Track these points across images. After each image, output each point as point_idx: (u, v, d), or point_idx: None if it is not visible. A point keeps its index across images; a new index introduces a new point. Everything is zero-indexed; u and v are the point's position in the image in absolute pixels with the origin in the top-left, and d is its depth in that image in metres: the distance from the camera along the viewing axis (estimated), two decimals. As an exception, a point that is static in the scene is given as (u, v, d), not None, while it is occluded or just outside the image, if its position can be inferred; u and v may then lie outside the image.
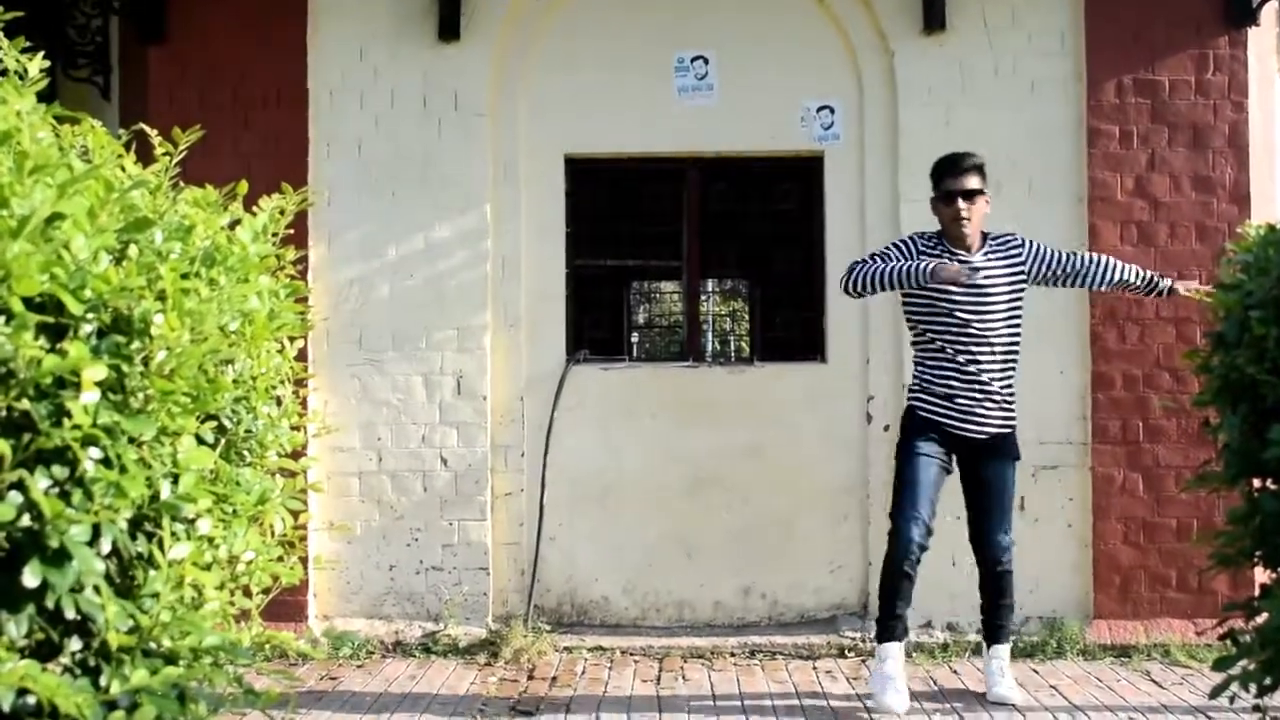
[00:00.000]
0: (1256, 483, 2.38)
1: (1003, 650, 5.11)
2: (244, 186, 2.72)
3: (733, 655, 5.85)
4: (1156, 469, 6.02)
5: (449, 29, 6.17)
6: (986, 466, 5.01)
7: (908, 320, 5.14)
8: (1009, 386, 4.98)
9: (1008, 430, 5.01)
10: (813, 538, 6.16)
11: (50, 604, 1.64)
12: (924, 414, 4.97)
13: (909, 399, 5.09)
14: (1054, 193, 6.15)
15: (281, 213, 2.76)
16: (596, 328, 9.80)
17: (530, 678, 5.50)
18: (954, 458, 5.02)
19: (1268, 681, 2.09)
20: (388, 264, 6.20)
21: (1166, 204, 6.08)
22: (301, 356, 4.65)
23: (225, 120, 5.92)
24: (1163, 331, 6.04)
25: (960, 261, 4.91)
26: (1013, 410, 5.01)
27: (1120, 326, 6.06)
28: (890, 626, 4.88)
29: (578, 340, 6.46)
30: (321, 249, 6.16)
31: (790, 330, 7.54)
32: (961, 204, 4.97)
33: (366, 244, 6.21)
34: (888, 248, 5.06)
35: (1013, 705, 4.94)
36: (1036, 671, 5.56)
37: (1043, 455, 6.09)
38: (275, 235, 2.71)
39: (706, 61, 6.30)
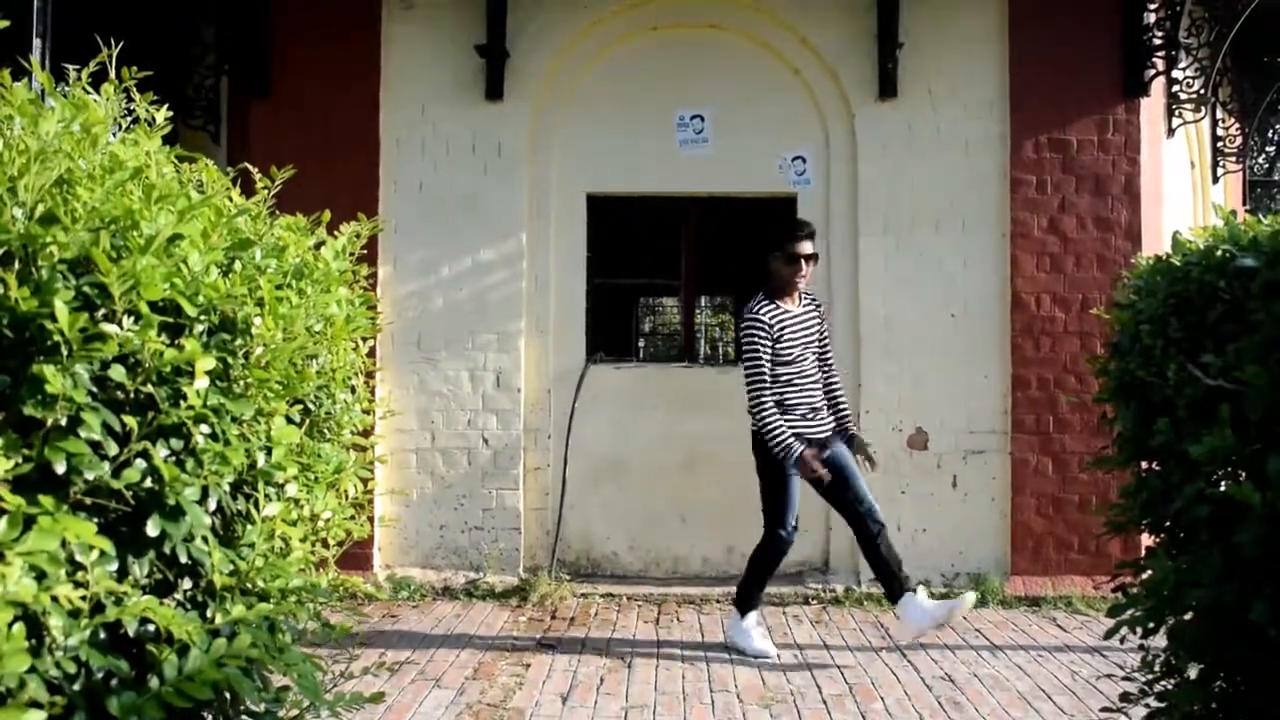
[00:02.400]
0: (1144, 465, 2.39)
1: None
2: (327, 215, 2.71)
3: (718, 601, 5.84)
4: (1063, 454, 6.00)
5: (494, 91, 6.17)
6: (839, 454, 4.89)
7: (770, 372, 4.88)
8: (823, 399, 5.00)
9: (832, 427, 4.98)
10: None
11: (167, 550, 1.65)
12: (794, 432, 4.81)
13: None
14: (984, 230, 6.14)
15: (357, 236, 2.75)
16: (611, 334, 9.80)
17: (553, 617, 5.51)
18: None
19: (1150, 625, 2.09)
20: (442, 280, 6.20)
21: (1074, 239, 6.07)
22: (371, 354, 4.65)
23: (313, 161, 5.86)
24: (1070, 342, 6.02)
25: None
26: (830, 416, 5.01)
27: (1036, 339, 6.04)
28: (760, 599, 4.96)
29: (595, 344, 6.44)
30: (389, 267, 6.16)
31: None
32: (804, 266, 4.91)
33: (425, 264, 6.21)
34: (756, 340, 4.81)
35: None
36: (965, 618, 5.53)
37: (972, 442, 6.09)
38: (352, 255, 2.70)
39: (703, 119, 6.29)
